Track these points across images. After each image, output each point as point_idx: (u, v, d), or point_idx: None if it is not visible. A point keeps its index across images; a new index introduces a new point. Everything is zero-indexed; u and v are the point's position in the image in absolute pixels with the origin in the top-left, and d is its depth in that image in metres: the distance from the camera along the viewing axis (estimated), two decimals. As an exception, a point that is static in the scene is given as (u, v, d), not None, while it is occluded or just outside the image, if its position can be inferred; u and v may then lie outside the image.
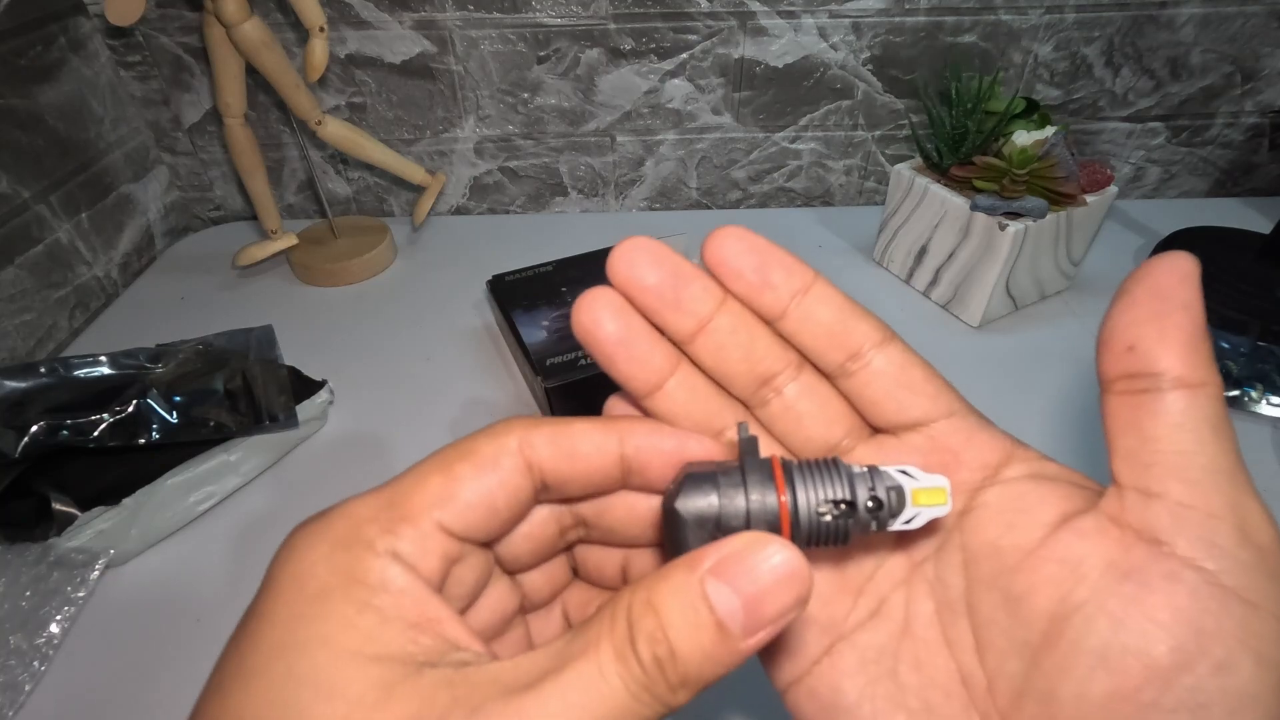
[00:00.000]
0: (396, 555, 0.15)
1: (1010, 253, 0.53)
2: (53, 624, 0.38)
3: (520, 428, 0.17)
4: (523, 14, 0.65)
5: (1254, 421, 0.50)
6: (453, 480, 0.16)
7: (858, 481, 0.17)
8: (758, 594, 0.14)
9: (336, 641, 0.14)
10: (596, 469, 0.18)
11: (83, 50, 0.63)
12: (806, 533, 0.17)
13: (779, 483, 0.17)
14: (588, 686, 0.14)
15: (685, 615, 0.14)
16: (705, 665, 0.14)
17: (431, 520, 0.16)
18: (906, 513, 0.17)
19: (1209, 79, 0.71)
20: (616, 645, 0.14)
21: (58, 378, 0.43)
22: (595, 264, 0.59)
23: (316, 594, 0.14)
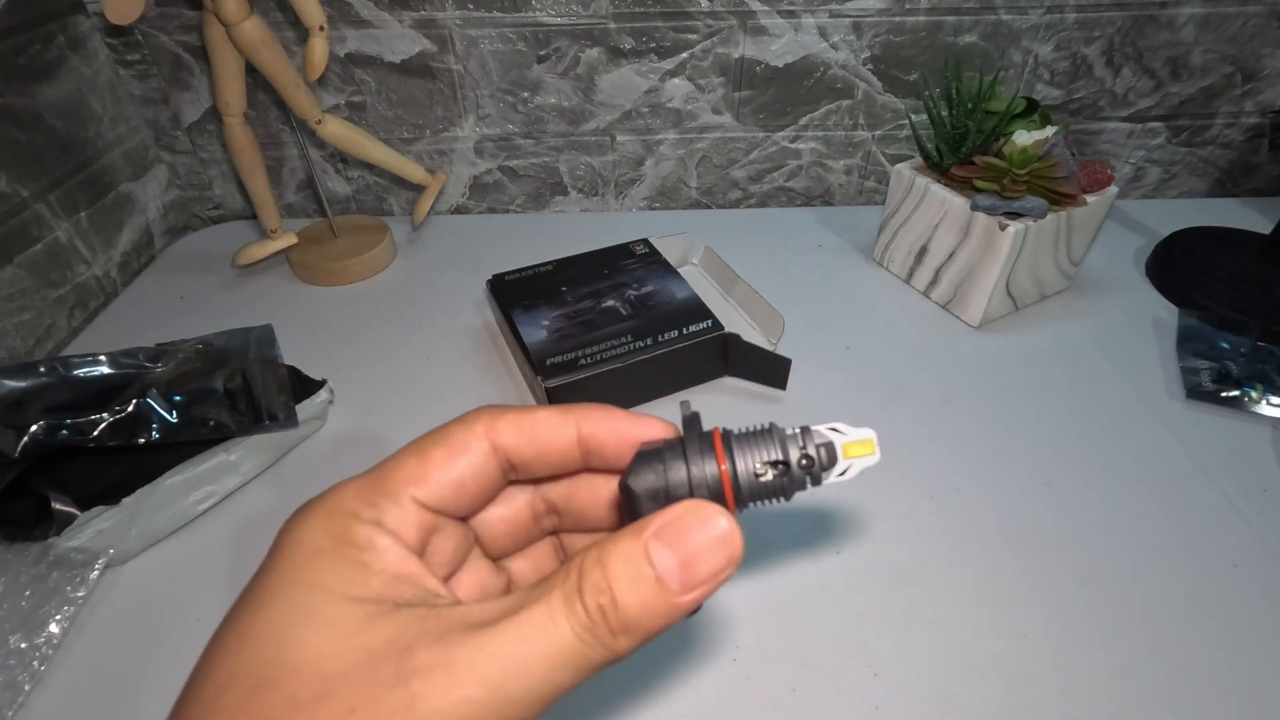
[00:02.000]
0: (379, 523, 0.18)
1: (1010, 253, 0.53)
2: (52, 624, 0.38)
3: (488, 415, 0.20)
4: (523, 13, 0.65)
5: (1254, 421, 0.50)
6: (426, 461, 0.19)
7: (789, 443, 0.19)
8: (692, 555, 0.17)
9: (328, 586, 0.17)
10: (556, 449, 0.20)
11: (82, 49, 0.63)
12: (748, 494, 0.19)
13: (719, 452, 0.19)
14: (539, 627, 0.16)
15: (628, 570, 0.16)
16: (644, 615, 0.16)
17: (408, 495, 0.19)
18: (839, 465, 0.19)
19: (1209, 79, 0.71)
20: (566, 593, 0.17)
21: (57, 377, 0.43)
22: (595, 264, 0.59)
23: (312, 552, 0.17)
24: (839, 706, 0.35)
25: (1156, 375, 0.54)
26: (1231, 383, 0.51)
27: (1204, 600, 0.39)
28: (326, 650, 0.16)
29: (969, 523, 0.43)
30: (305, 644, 0.16)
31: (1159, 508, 0.44)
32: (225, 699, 0.15)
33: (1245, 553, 0.41)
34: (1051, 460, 0.47)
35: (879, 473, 0.46)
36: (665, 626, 0.17)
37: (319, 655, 0.15)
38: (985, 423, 0.50)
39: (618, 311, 0.53)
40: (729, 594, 0.39)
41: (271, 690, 0.15)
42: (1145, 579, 0.40)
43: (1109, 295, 0.62)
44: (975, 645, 0.37)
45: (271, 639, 0.16)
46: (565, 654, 0.16)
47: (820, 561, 0.41)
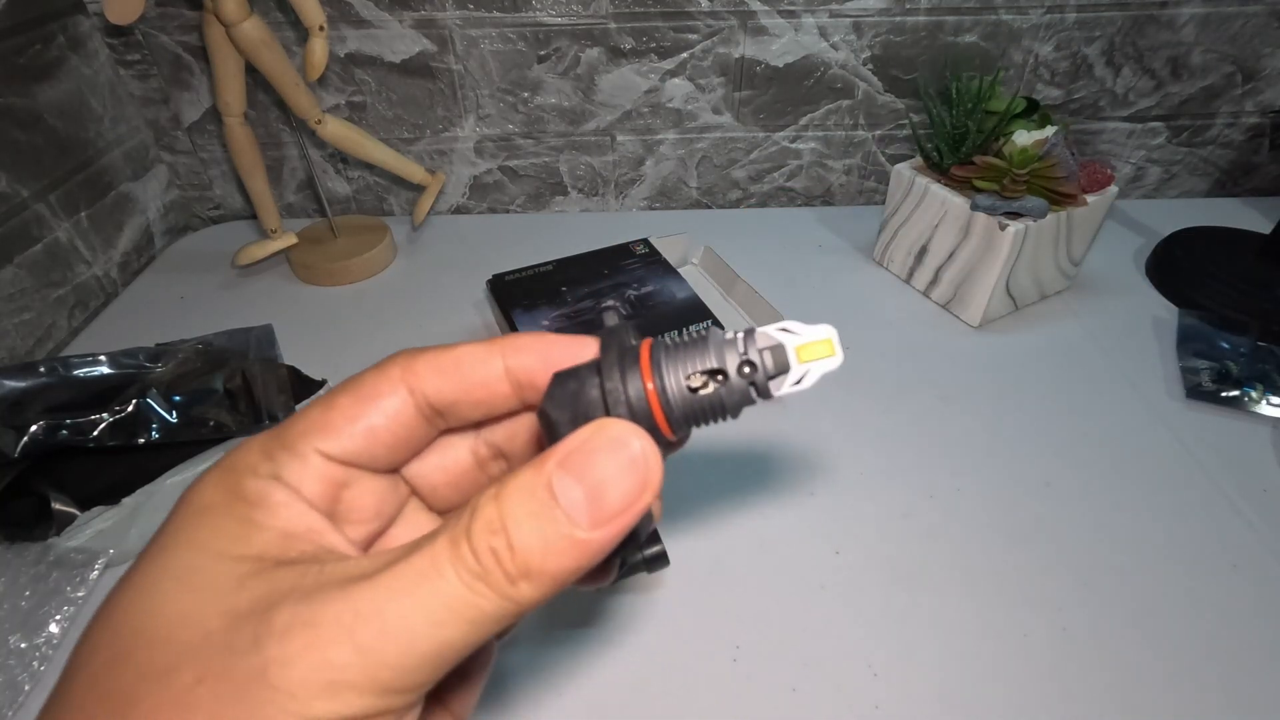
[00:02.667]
0: (277, 478, 0.16)
1: (1010, 253, 0.53)
2: (52, 624, 0.38)
3: (405, 356, 0.18)
4: (523, 13, 0.65)
5: (1254, 421, 0.50)
6: (330, 410, 0.17)
7: (727, 349, 0.16)
8: (600, 483, 0.14)
9: (206, 544, 0.15)
10: (483, 386, 0.18)
11: (82, 49, 0.63)
12: (681, 412, 0.16)
13: (644, 366, 0.16)
14: (420, 575, 0.14)
15: (527, 506, 0.14)
16: (548, 557, 0.14)
17: (310, 447, 0.17)
18: (794, 372, 0.16)
19: (1209, 79, 0.71)
20: (454, 536, 0.14)
21: (57, 377, 0.43)
22: (595, 264, 0.59)
23: (201, 509, 0.16)
24: (839, 706, 0.35)
25: (1156, 375, 0.54)
26: (1231, 383, 0.51)
27: (1204, 600, 0.39)
28: (192, 615, 0.14)
29: (969, 523, 0.43)
30: (170, 610, 0.14)
31: (1159, 508, 0.44)
32: (81, 677, 0.14)
33: (1245, 553, 0.41)
34: (1051, 460, 0.47)
35: (878, 473, 0.46)
36: (576, 570, 0.15)
37: (182, 621, 0.14)
38: (985, 423, 0.50)
39: (617, 310, 0.53)
40: (729, 594, 0.39)
41: (124, 663, 0.14)
42: (1145, 579, 0.40)
43: (1109, 295, 0.62)
44: (975, 645, 0.37)
45: (138, 605, 0.15)
46: (451, 606, 0.14)
47: (820, 561, 0.41)
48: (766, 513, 0.44)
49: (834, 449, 0.48)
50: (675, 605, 0.39)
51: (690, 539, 0.42)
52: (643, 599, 0.39)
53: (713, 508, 0.44)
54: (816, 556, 0.41)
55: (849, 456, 0.47)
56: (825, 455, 0.48)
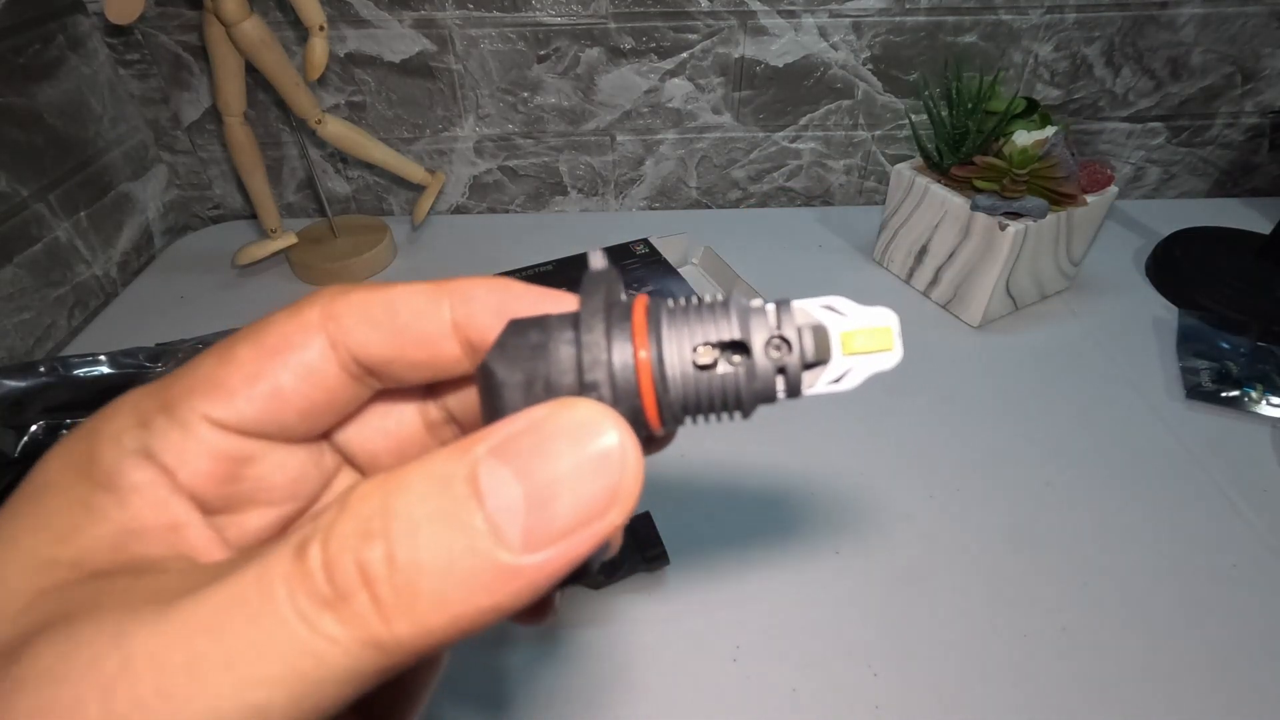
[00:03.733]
0: (146, 452, 0.12)
1: (1010, 253, 0.53)
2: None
3: (325, 297, 0.14)
4: (522, 13, 0.65)
5: (1254, 421, 0.50)
6: (228, 365, 0.13)
7: (754, 318, 0.12)
8: (550, 483, 0.10)
9: (20, 541, 0.12)
10: (424, 344, 0.14)
11: (82, 48, 0.63)
12: (680, 395, 0.12)
13: (638, 325, 0.11)
14: (235, 603, 0.09)
15: (432, 502, 0.10)
16: (452, 586, 0.09)
17: (195, 412, 0.13)
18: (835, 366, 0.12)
19: (1209, 79, 0.71)
20: (295, 546, 0.10)
21: (57, 377, 0.43)
22: (595, 263, 0.59)
23: (38, 488, 0.12)
24: (839, 706, 0.35)
25: (1156, 375, 0.54)
26: (1231, 383, 0.51)
27: (1203, 600, 0.39)
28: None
29: (969, 523, 0.43)
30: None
31: (1159, 508, 0.44)
32: None
33: (1245, 552, 0.41)
34: (1052, 460, 0.47)
35: (879, 472, 0.46)
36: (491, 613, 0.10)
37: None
38: (985, 423, 0.50)
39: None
40: (729, 594, 0.39)
41: None
42: (1145, 579, 0.40)
43: (1109, 295, 0.62)
44: (975, 645, 0.37)
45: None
46: (276, 654, 0.09)
47: (820, 561, 0.41)
48: (766, 513, 0.44)
49: (834, 449, 0.48)
50: (675, 605, 0.39)
51: (690, 539, 0.42)
52: (643, 599, 0.39)
53: (712, 507, 0.44)
54: (816, 556, 0.41)
55: (849, 456, 0.47)
56: (825, 455, 0.48)
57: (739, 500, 0.45)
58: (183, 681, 0.09)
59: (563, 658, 0.37)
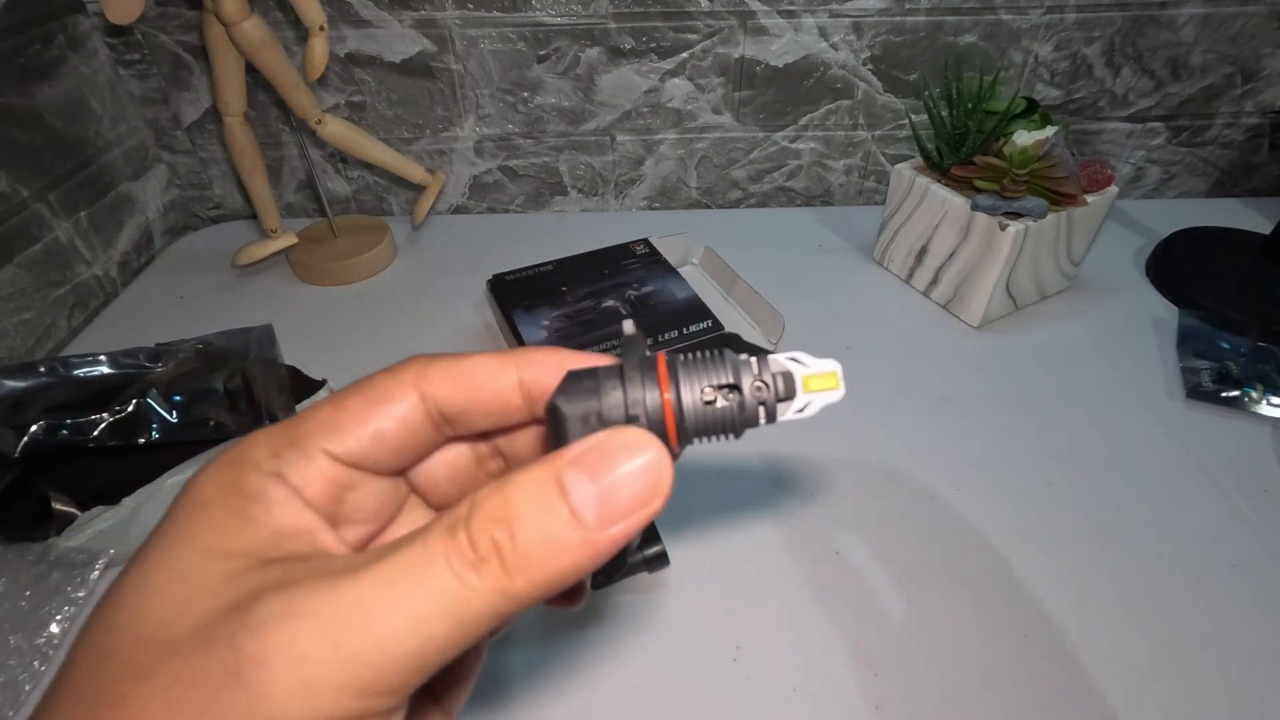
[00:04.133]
0: (280, 475, 0.16)
1: (1010, 253, 0.53)
2: (53, 624, 0.38)
3: (420, 361, 0.18)
4: (522, 13, 0.65)
5: (1254, 421, 0.50)
6: (341, 411, 0.17)
7: (743, 369, 0.17)
8: (614, 482, 0.14)
9: (199, 539, 0.15)
10: (494, 397, 0.18)
11: (82, 48, 0.63)
12: (694, 424, 0.17)
13: (662, 376, 0.16)
14: (409, 567, 0.14)
15: (536, 498, 0.14)
16: (551, 553, 0.14)
17: (317, 447, 0.17)
18: (798, 400, 0.17)
19: (1209, 79, 0.71)
20: (449, 526, 0.14)
21: (57, 377, 0.43)
22: (595, 263, 0.59)
23: (199, 503, 0.16)
24: (839, 706, 0.35)
25: (1157, 375, 0.54)
26: (1232, 383, 0.51)
27: (1204, 600, 0.39)
28: (178, 612, 0.14)
29: (969, 523, 0.43)
30: (157, 607, 0.14)
31: (1159, 508, 0.44)
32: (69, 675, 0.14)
33: (1245, 553, 0.41)
34: (1051, 460, 0.47)
35: (879, 473, 0.46)
36: (575, 571, 0.14)
37: (170, 617, 0.14)
38: (985, 423, 0.50)
39: (618, 311, 0.53)
40: (729, 594, 0.40)
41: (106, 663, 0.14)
42: (1145, 579, 0.40)
43: (1109, 295, 0.62)
44: (975, 645, 0.37)
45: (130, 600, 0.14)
46: (440, 599, 0.13)
47: (820, 561, 0.41)
48: (766, 512, 0.44)
49: (834, 449, 0.48)
50: (675, 605, 0.39)
51: (690, 539, 0.42)
52: (643, 599, 0.39)
53: (713, 507, 0.44)
54: (817, 556, 0.41)
55: (849, 456, 0.47)
56: (825, 455, 0.48)
57: (739, 500, 0.45)
58: (379, 619, 0.13)
59: (563, 658, 0.37)
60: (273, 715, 0.13)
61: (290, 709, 0.13)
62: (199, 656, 0.13)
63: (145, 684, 0.13)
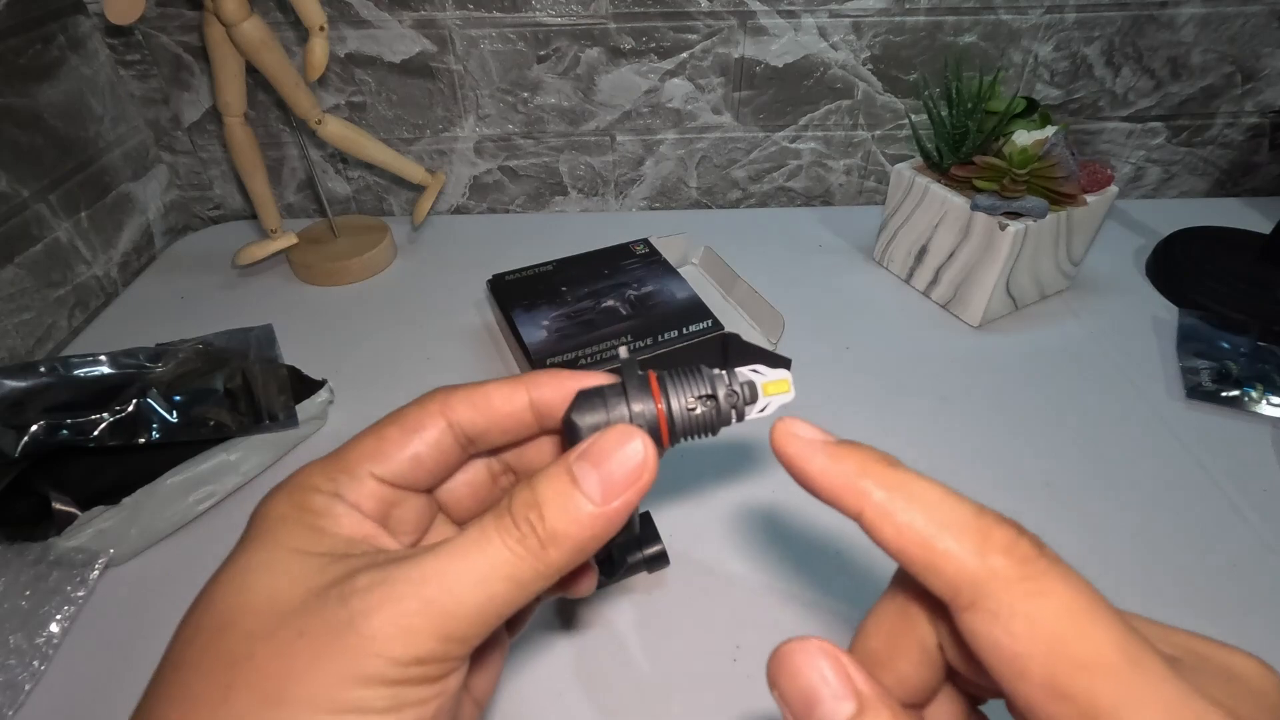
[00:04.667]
0: (338, 495, 0.20)
1: (1010, 253, 0.53)
2: (53, 623, 0.38)
3: (442, 393, 0.22)
4: (522, 13, 0.65)
5: (1254, 421, 0.50)
6: (382, 440, 0.21)
7: (717, 381, 0.21)
8: (610, 467, 0.18)
9: (284, 543, 0.18)
10: (509, 416, 0.22)
11: (82, 49, 0.63)
12: (681, 427, 0.21)
13: (655, 392, 0.21)
14: (473, 544, 0.18)
15: (554, 486, 0.18)
16: (570, 525, 0.18)
17: (366, 471, 0.20)
18: (759, 403, 0.21)
19: (1209, 79, 0.71)
20: (497, 513, 0.18)
21: (57, 377, 0.43)
22: (595, 263, 0.59)
23: (276, 519, 0.19)
24: (839, 706, 0.35)
25: (1157, 375, 0.54)
26: (1232, 382, 0.51)
27: (1204, 599, 0.39)
28: (281, 594, 0.17)
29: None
30: (262, 590, 0.17)
31: (1159, 507, 0.44)
32: (193, 646, 0.17)
33: (1245, 552, 0.41)
34: (1051, 460, 0.47)
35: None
36: (593, 538, 0.18)
37: (274, 597, 0.17)
38: (985, 423, 0.50)
39: (618, 311, 0.53)
40: (729, 594, 0.40)
41: (232, 630, 0.17)
42: (1145, 578, 0.40)
43: (1109, 295, 0.62)
44: (975, 645, 0.37)
45: (232, 589, 0.18)
46: (497, 566, 0.17)
47: (821, 561, 0.41)
48: (767, 512, 0.44)
49: (834, 449, 0.48)
50: (675, 605, 0.39)
51: (690, 539, 0.42)
52: (643, 599, 0.39)
53: (713, 507, 0.44)
54: (817, 556, 0.41)
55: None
56: (825, 455, 0.48)
57: (739, 500, 0.45)
58: (456, 579, 0.17)
59: (563, 657, 0.37)
60: (380, 653, 0.16)
61: (394, 649, 0.16)
62: (316, 615, 0.16)
63: (271, 640, 0.16)
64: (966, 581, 0.15)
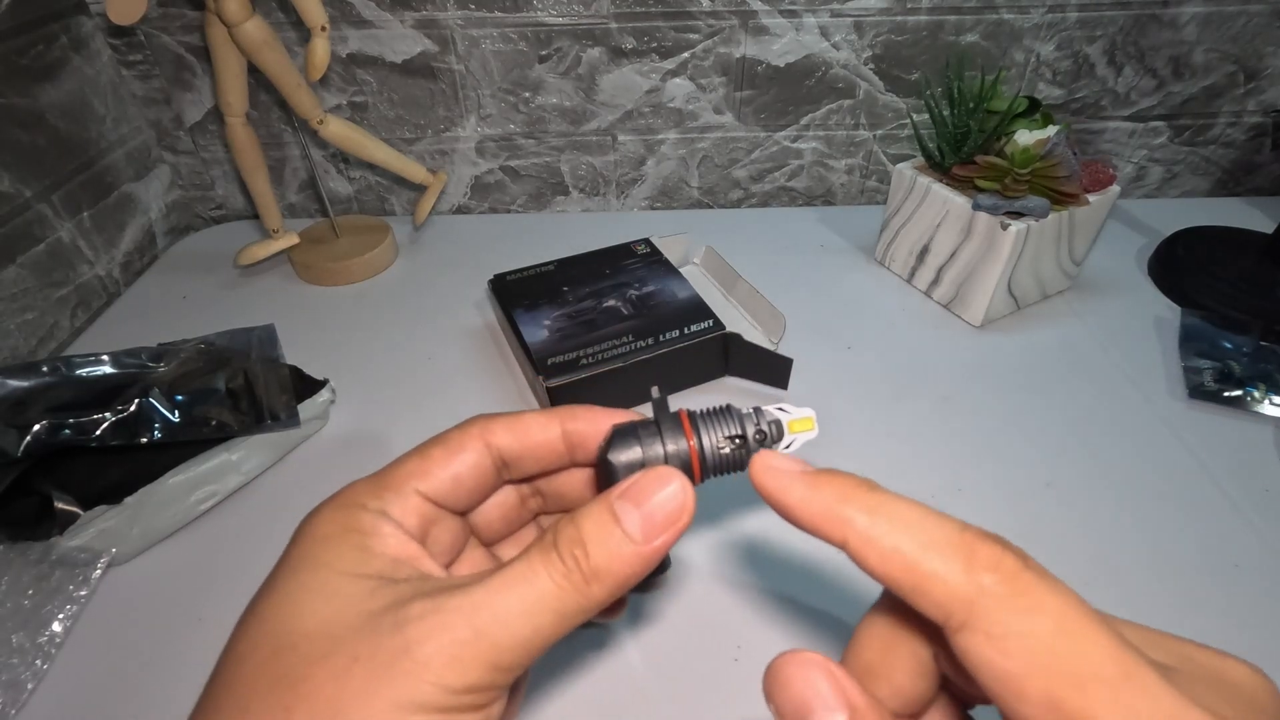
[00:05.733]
0: (384, 513, 0.20)
1: (1012, 252, 0.53)
2: (55, 623, 0.38)
3: (483, 419, 0.23)
4: (524, 13, 0.65)
5: (1256, 421, 0.49)
6: (426, 460, 0.22)
7: (746, 421, 0.22)
8: (651, 508, 0.19)
9: (334, 565, 0.19)
10: (543, 445, 0.23)
11: (84, 49, 0.63)
12: (712, 465, 0.22)
13: (687, 431, 0.22)
14: (520, 577, 0.18)
15: (598, 523, 0.19)
16: (613, 562, 0.18)
17: (411, 489, 0.21)
18: (785, 440, 0.22)
19: (1211, 78, 0.71)
20: (544, 547, 0.19)
21: (60, 377, 0.43)
22: (597, 263, 0.59)
23: (322, 538, 0.19)
24: (840, 706, 0.35)
25: (1158, 375, 0.54)
26: (1234, 382, 0.51)
27: (1205, 600, 0.39)
28: (334, 618, 0.17)
29: (969, 522, 0.43)
30: (315, 614, 0.18)
31: (1160, 508, 0.44)
32: (247, 666, 0.17)
33: (1247, 553, 0.41)
34: (1053, 460, 0.47)
35: (880, 472, 0.46)
36: (633, 576, 0.19)
37: (327, 621, 0.17)
38: (986, 422, 0.50)
39: (619, 311, 0.53)
40: (729, 594, 0.40)
41: (288, 653, 0.17)
42: (1147, 579, 0.40)
43: (1111, 295, 0.62)
44: (976, 645, 0.37)
45: (285, 612, 0.18)
46: (544, 600, 0.18)
47: (821, 561, 0.41)
48: (767, 512, 0.44)
49: (835, 449, 0.48)
50: (676, 605, 0.39)
51: (691, 539, 0.42)
52: (643, 599, 0.39)
53: (713, 507, 0.44)
54: (817, 556, 0.41)
55: (850, 456, 0.47)
56: (826, 455, 0.47)
57: (740, 500, 0.45)
58: (504, 611, 0.17)
59: (562, 658, 0.37)
60: (433, 680, 0.16)
61: (447, 677, 0.17)
62: (369, 641, 0.17)
63: (325, 665, 0.17)
64: (957, 602, 0.15)
